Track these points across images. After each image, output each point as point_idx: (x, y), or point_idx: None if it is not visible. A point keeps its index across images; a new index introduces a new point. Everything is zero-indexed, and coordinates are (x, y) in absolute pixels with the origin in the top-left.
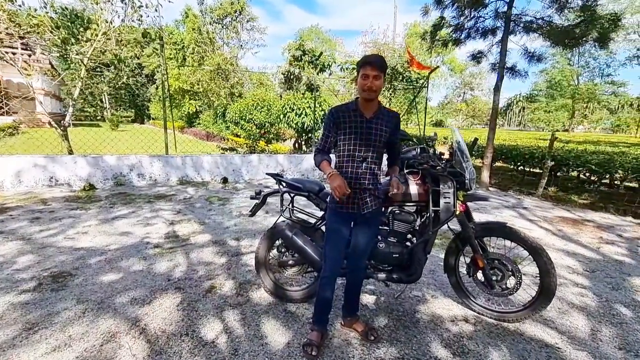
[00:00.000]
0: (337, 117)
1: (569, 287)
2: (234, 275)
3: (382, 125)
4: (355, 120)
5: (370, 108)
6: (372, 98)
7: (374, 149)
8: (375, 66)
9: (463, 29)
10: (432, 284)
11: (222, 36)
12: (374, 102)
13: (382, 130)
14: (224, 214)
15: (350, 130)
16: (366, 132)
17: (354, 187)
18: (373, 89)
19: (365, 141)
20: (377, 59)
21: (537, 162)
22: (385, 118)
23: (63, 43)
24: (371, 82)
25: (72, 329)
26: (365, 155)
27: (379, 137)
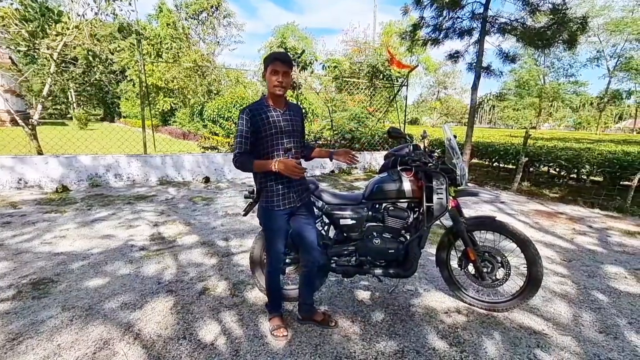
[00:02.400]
0: (252, 115)
1: (550, 277)
2: (227, 276)
3: (294, 116)
4: (272, 115)
5: (280, 103)
6: (282, 93)
7: (295, 140)
8: (285, 62)
9: (441, 29)
10: (423, 278)
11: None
12: (283, 97)
13: (296, 121)
14: (210, 214)
15: (270, 125)
16: (284, 125)
17: (287, 183)
18: (283, 85)
19: (286, 133)
20: (285, 56)
21: (512, 158)
22: (294, 110)
23: (31, 37)
24: (281, 77)
25: (61, 337)
26: (289, 147)
27: (295, 127)
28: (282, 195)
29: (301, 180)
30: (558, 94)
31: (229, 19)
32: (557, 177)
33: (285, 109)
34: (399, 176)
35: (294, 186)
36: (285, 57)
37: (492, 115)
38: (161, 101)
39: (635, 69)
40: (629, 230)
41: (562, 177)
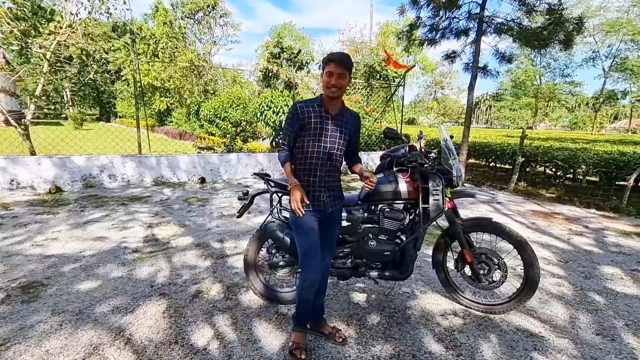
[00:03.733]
0: (302, 112)
1: (546, 278)
2: (221, 279)
3: (346, 123)
4: (321, 117)
5: (334, 106)
6: (336, 96)
7: (339, 147)
8: (340, 64)
9: (438, 29)
10: (419, 280)
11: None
12: (338, 100)
13: (347, 128)
14: (205, 215)
15: (316, 126)
16: (331, 129)
17: (319, 185)
18: (337, 87)
19: (331, 138)
20: (342, 57)
21: (508, 158)
22: (348, 117)
23: (24, 36)
24: (335, 80)
25: (50, 342)
26: (330, 153)
27: (343, 134)
28: (312, 195)
29: (335, 183)
30: (554, 94)
31: (225, 19)
32: (553, 177)
33: (338, 113)
34: (394, 177)
35: (327, 188)
36: (341, 58)
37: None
38: (157, 101)
39: (630, 70)
40: (625, 231)
41: (559, 177)
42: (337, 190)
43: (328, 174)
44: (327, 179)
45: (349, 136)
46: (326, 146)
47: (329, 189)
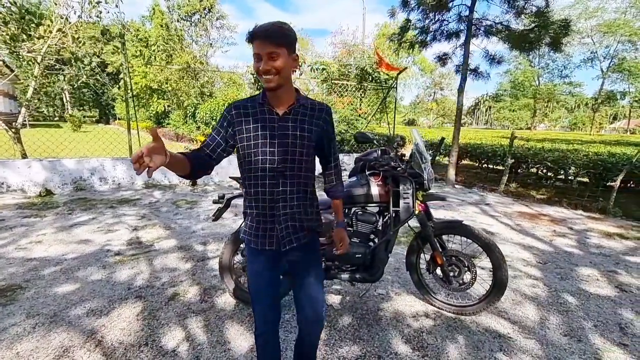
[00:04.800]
0: (234, 115)
1: (522, 279)
2: (199, 281)
3: (303, 122)
4: (263, 118)
5: (281, 100)
6: (273, 86)
7: (295, 159)
8: (266, 40)
9: (428, 31)
10: (396, 282)
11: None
12: (285, 92)
13: (305, 131)
14: (192, 218)
15: (256, 133)
16: (280, 135)
17: (270, 215)
18: (271, 72)
19: (280, 147)
20: (267, 29)
21: (500, 159)
22: (307, 112)
23: (12, 40)
24: (266, 63)
25: (21, 345)
26: (281, 168)
27: (299, 139)
28: (261, 228)
29: (296, 209)
30: (553, 95)
31: (221, 21)
32: (544, 178)
33: (289, 110)
34: (367, 180)
35: (282, 218)
36: (267, 31)
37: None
38: (155, 103)
39: (628, 70)
40: (608, 232)
41: (549, 179)
42: (304, 218)
43: (282, 197)
44: (283, 204)
45: (312, 140)
46: (274, 159)
47: (286, 219)
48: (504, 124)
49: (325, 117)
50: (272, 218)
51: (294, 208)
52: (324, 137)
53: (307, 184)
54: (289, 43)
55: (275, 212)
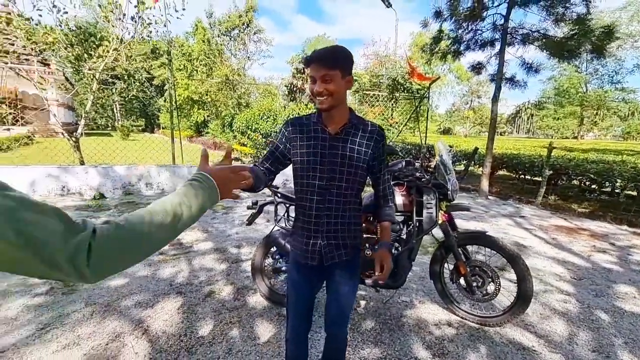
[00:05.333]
0: (291, 130)
1: (553, 294)
2: (233, 281)
3: (353, 143)
4: (316, 137)
5: (334, 120)
6: (326, 107)
7: (343, 177)
8: (321, 63)
9: (462, 41)
10: (421, 290)
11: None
12: (338, 113)
13: (355, 151)
14: (227, 222)
15: (309, 149)
16: (330, 154)
17: (314, 230)
18: (323, 94)
19: (329, 165)
20: (322, 54)
21: (538, 170)
22: (359, 133)
23: (76, 59)
24: (320, 86)
25: (81, 329)
26: (328, 185)
27: (348, 159)
28: (304, 242)
29: (341, 227)
30: (603, 102)
31: (259, 35)
32: (587, 191)
33: (341, 130)
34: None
35: (327, 235)
36: (322, 56)
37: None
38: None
39: None
40: None
41: (593, 191)
42: (346, 236)
43: (327, 213)
44: (327, 220)
45: (360, 160)
46: (323, 177)
47: (329, 236)
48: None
49: (376, 137)
50: (316, 233)
51: (338, 225)
52: (374, 158)
53: (352, 203)
54: (342, 66)
55: (320, 227)
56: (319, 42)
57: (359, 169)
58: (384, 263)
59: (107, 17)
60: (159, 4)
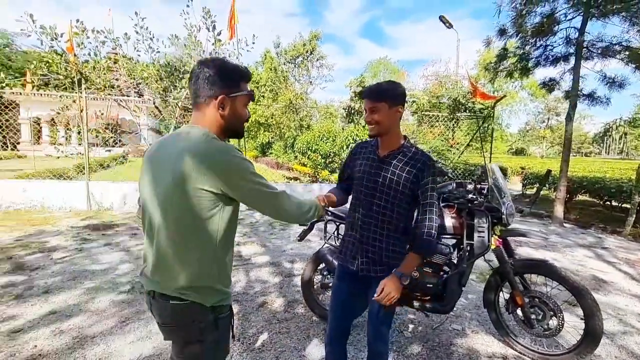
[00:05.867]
0: (355, 152)
1: (633, 336)
2: (285, 294)
3: (395, 167)
4: (369, 157)
5: (385, 145)
6: (375, 133)
7: (382, 197)
8: (369, 97)
9: (529, 57)
10: (475, 319)
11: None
12: (387, 139)
13: (395, 175)
14: (284, 238)
15: (362, 167)
16: (374, 173)
17: (354, 240)
18: (372, 123)
19: (372, 184)
20: (370, 89)
21: (627, 196)
22: (404, 159)
23: (164, 91)
24: (369, 116)
25: (153, 325)
26: (370, 203)
27: (388, 181)
28: (345, 247)
29: (379, 245)
30: None
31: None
32: None
33: (389, 154)
34: (441, 212)
35: (366, 247)
36: (369, 91)
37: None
38: (261, 135)
39: None
40: None
41: None
42: (384, 254)
43: (367, 227)
44: (366, 234)
45: (400, 185)
46: (367, 192)
47: (367, 250)
48: None
49: (419, 166)
50: (358, 245)
51: (377, 242)
52: (416, 187)
53: (392, 223)
54: (389, 98)
55: (361, 239)
56: (380, 65)
57: (398, 193)
58: (383, 288)
59: (190, 54)
60: (233, 40)
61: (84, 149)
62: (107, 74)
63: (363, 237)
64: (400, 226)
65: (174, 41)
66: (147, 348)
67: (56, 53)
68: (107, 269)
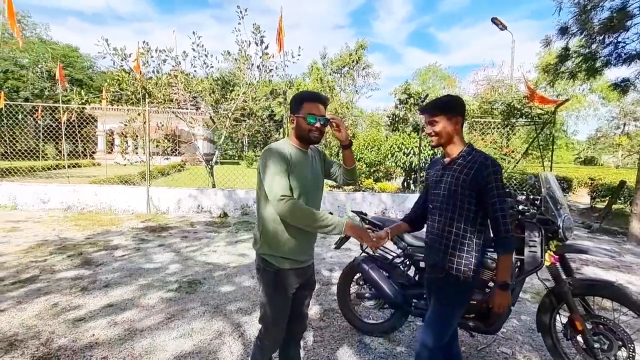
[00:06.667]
0: (431, 165)
1: None
2: (321, 302)
3: (455, 171)
4: (437, 168)
5: (449, 153)
6: (435, 144)
7: (444, 202)
8: (426, 112)
9: (596, 57)
10: (528, 343)
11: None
12: (449, 148)
13: (454, 177)
14: (324, 246)
15: (431, 177)
16: (438, 180)
17: (429, 247)
18: (431, 134)
19: (437, 190)
20: (427, 104)
21: None
22: (463, 164)
23: (215, 103)
24: (428, 128)
25: (195, 323)
26: (436, 206)
27: (449, 185)
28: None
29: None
30: None
31: (367, 70)
32: None
33: (451, 161)
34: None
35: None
36: (426, 106)
37: None
38: None
39: None
40: None
41: None
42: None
43: (433, 231)
44: (432, 237)
45: (459, 187)
46: (433, 199)
47: (431, 252)
48: None
49: (477, 167)
50: (428, 247)
51: (441, 245)
52: (477, 187)
53: (455, 228)
54: (446, 110)
55: (431, 243)
56: (430, 72)
57: (459, 195)
58: (492, 305)
59: (240, 68)
60: (280, 52)
61: (145, 158)
62: (167, 88)
63: (431, 240)
64: (461, 230)
65: (226, 57)
66: (188, 345)
67: (125, 71)
68: (159, 268)
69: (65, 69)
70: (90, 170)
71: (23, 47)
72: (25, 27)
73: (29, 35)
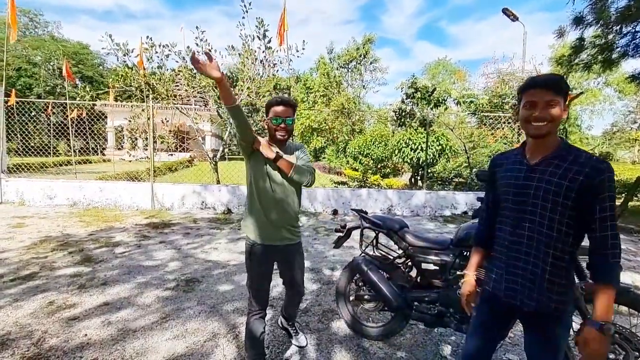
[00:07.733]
0: (494, 165)
1: None
2: (320, 303)
3: (552, 175)
4: (512, 168)
5: (539, 150)
6: (544, 133)
7: (535, 211)
8: (546, 88)
9: (613, 48)
10: None
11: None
12: (547, 141)
13: (552, 184)
14: (326, 244)
15: (507, 179)
16: (522, 184)
17: (505, 264)
18: (543, 120)
19: (521, 196)
20: (548, 79)
21: None
22: (564, 164)
23: (219, 99)
24: (541, 111)
25: (189, 324)
26: (519, 217)
27: (543, 192)
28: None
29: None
30: None
31: (374, 65)
32: None
33: (542, 159)
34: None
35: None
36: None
37: None
38: (315, 140)
39: None
40: None
41: None
42: (539, 285)
43: (516, 248)
44: (515, 255)
45: (559, 196)
46: (514, 208)
47: (517, 274)
48: None
49: (588, 171)
50: (504, 268)
51: (529, 265)
52: (585, 198)
53: (550, 245)
54: (565, 94)
55: (508, 261)
56: (440, 66)
57: (557, 205)
58: (582, 351)
59: (244, 62)
60: (283, 47)
61: (150, 154)
62: (171, 84)
63: (510, 258)
64: (561, 246)
65: (230, 51)
66: (180, 347)
67: (127, 67)
68: (158, 265)
69: (76, 67)
70: (100, 167)
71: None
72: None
73: (41, 33)
